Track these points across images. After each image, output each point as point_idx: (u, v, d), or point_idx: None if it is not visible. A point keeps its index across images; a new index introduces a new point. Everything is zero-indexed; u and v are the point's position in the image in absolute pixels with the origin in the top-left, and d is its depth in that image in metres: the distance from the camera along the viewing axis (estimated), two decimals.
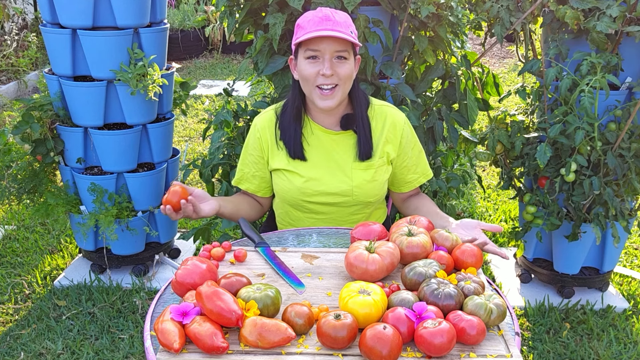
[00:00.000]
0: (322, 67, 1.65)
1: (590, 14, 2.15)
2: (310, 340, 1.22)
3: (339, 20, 1.65)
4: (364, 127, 1.80)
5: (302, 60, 1.69)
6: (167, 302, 1.39)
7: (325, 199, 1.82)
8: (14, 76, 5.93)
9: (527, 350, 2.49)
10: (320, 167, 1.81)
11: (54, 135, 2.64)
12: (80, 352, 2.43)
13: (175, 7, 7.61)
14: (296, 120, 1.79)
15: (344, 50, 1.66)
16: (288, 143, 1.80)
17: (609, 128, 2.33)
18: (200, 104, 5.64)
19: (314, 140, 1.82)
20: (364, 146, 1.79)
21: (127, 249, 2.84)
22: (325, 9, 1.67)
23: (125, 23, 2.45)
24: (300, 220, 1.90)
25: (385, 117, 1.84)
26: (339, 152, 1.82)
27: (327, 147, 1.82)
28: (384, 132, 1.83)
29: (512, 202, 3.81)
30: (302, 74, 1.71)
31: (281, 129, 1.82)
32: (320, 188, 1.80)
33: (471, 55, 2.50)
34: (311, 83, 1.69)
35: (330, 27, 1.62)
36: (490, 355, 1.18)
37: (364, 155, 1.80)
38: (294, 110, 1.79)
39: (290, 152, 1.80)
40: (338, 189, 1.80)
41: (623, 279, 2.99)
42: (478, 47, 7.13)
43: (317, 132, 1.82)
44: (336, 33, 1.61)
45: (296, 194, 1.82)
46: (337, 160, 1.81)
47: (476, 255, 1.43)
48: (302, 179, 1.81)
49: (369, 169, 1.81)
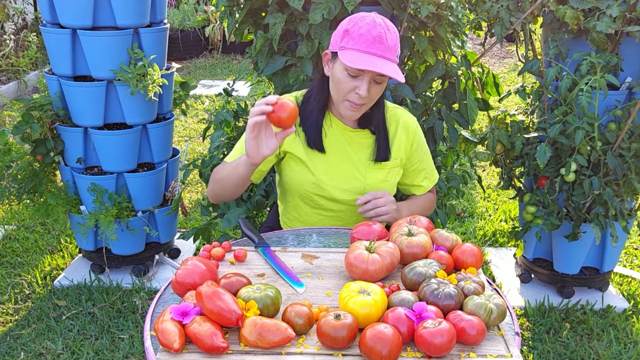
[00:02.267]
0: (359, 87, 1.62)
1: (590, 14, 2.15)
2: (310, 340, 1.22)
3: (390, 43, 1.59)
4: (384, 130, 1.81)
5: (340, 69, 1.64)
6: (167, 302, 1.39)
7: (337, 195, 1.81)
8: (14, 76, 5.93)
9: (527, 350, 2.49)
10: (336, 162, 1.81)
11: (54, 135, 2.64)
12: (80, 352, 2.43)
13: (175, 7, 7.60)
14: (319, 111, 1.78)
15: (384, 76, 1.63)
16: (308, 131, 1.78)
17: (609, 128, 2.33)
18: (200, 104, 5.64)
19: (332, 134, 1.81)
20: (383, 149, 1.80)
21: (127, 249, 2.84)
22: (379, 25, 1.59)
23: (125, 23, 2.45)
24: (307, 215, 1.89)
25: (398, 120, 1.85)
26: (354, 149, 1.82)
27: (344, 142, 1.81)
28: (397, 133, 1.84)
29: (512, 202, 3.81)
30: (336, 82, 1.67)
31: (302, 115, 1.79)
32: (334, 182, 1.80)
33: (471, 55, 2.50)
34: (343, 94, 1.67)
35: (380, 53, 1.57)
36: (490, 355, 1.18)
37: (381, 157, 1.81)
38: (319, 103, 1.77)
39: (309, 141, 1.78)
40: (351, 185, 1.80)
41: (623, 279, 2.99)
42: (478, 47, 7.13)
43: (335, 126, 1.81)
44: (384, 67, 1.56)
45: (310, 186, 1.80)
46: (352, 156, 1.81)
47: (476, 255, 1.43)
48: (317, 171, 1.79)
49: (382, 169, 1.82)
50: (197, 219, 3.57)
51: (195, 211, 3.65)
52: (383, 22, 1.61)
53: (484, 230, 3.48)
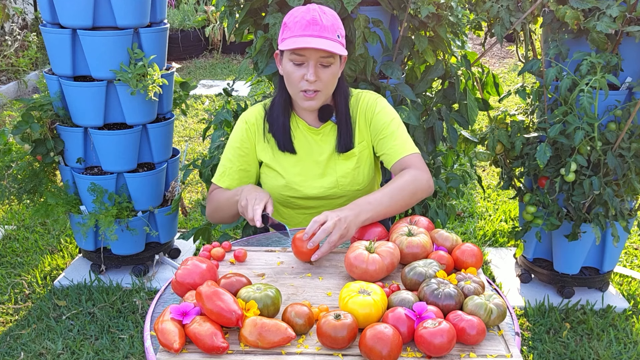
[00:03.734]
0: (307, 72, 1.64)
1: (590, 14, 2.15)
2: (310, 340, 1.22)
3: (326, 24, 1.62)
4: (346, 120, 1.80)
5: (287, 61, 1.68)
6: (167, 302, 1.39)
7: (311, 193, 1.82)
8: (14, 76, 5.93)
9: (527, 350, 2.49)
10: (306, 161, 1.82)
11: (54, 135, 2.64)
12: (80, 352, 2.43)
13: (175, 7, 7.60)
14: (284, 113, 1.80)
15: (328, 57, 1.64)
16: (277, 135, 1.80)
17: (609, 128, 2.33)
18: (200, 104, 5.64)
19: (300, 135, 1.83)
20: (344, 139, 1.80)
21: (127, 249, 2.84)
22: (313, 9, 1.64)
23: (125, 23, 2.45)
24: (292, 217, 1.90)
25: (359, 101, 1.84)
26: (322, 147, 1.82)
27: (311, 142, 1.83)
28: (358, 116, 1.83)
29: (512, 202, 3.81)
30: (286, 76, 1.70)
31: (269, 121, 1.82)
32: (307, 182, 1.81)
33: (471, 55, 2.50)
34: (295, 85, 1.69)
35: (316, 34, 1.60)
36: (490, 355, 1.18)
37: (345, 148, 1.80)
38: (281, 104, 1.80)
39: (280, 145, 1.80)
40: (324, 181, 1.81)
41: (623, 279, 2.99)
42: (478, 47, 7.13)
43: (301, 127, 1.83)
44: (321, 43, 1.59)
45: (283, 189, 1.82)
46: (321, 154, 1.82)
47: (476, 255, 1.43)
48: (288, 174, 1.81)
49: (351, 158, 1.82)
50: (197, 219, 3.57)
51: (195, 211, 3.65)
52: (318, 8, 1.65)
53: (484, 230, 3.48)
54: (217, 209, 1.82)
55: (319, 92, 1.69)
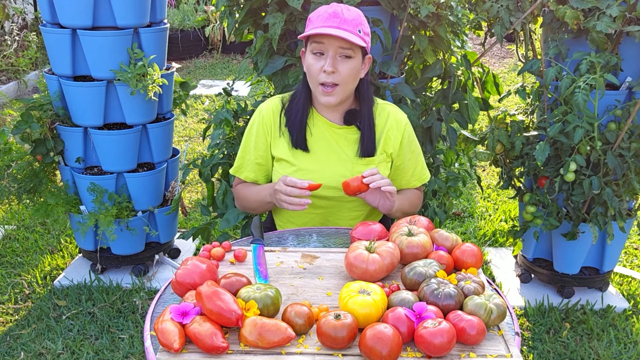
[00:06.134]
0: (325, 63, 1.66)
1: (590, 13, 2.15)
2: (310, 340, 1.22)
3: (347, 17, 1.64)
4: (369, 125, 1.80)
5: (309, 54, 1.70)
6: (167, 302, 1.39)
7: (324, 192, 1.81)
8: (14, 76, 5.93)
9: (527, 350, 2.49)
10: (321, 160, 1.82)
11: (54, 135, 2.64)
12: (80, 352, 2.43)
13: (175, 7, 7.60)
14: (303, 110, 1.80)
15: (348, 49, 1.65)
16: (292, 131, 1.80)
17: (608, 128, 2.33)
18: (200, 104, 5.64)
19: (317, 132, 1.82)
20: (367, 144, 1.80)
21: (127, 249, 2.84)
22: (337, 5, 1.67)
23: (125, 23, 2.45)
24: (299, 215, 1.90)
25: (387, 115, 1.84)
26: (341, 146, 1.82)
27: (330, 140, 1.82)
28: (386, 129, 1.83)
29: (512, 202, 3.81)
30: (307, 68, 1.72)
31: (287, 116, 1.82)
32: (320, 180, 1.80)
33: (471, 55, 2.50)
34: (314, 78, 1.70)
35: (336, 25, 1.62)
36: (490, 355, 1.18)
37: (366, 153, 1.81)
38: (301, 100, 1.80)
39: (293, 141, 1.80)
40: (338, 182, 1.80)
41: (623, 279, 2.99)
42: (478, 47, 7.13)
43: (320, 124, 1.82)
44: (339, 32, 1.61)
45: None
46: (338, 153, 1.82)
47: (476, 255, 1.43)
48: (301, 172, 1.80)
49: (369, 165, 1.82)
50: (197, 219, 3.57)
51: (195, 211, 3.65)
52: (343, 5, 1.69)
53: (484, 230, 3.48)
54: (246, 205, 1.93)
55: (337, 86, 1.69)
